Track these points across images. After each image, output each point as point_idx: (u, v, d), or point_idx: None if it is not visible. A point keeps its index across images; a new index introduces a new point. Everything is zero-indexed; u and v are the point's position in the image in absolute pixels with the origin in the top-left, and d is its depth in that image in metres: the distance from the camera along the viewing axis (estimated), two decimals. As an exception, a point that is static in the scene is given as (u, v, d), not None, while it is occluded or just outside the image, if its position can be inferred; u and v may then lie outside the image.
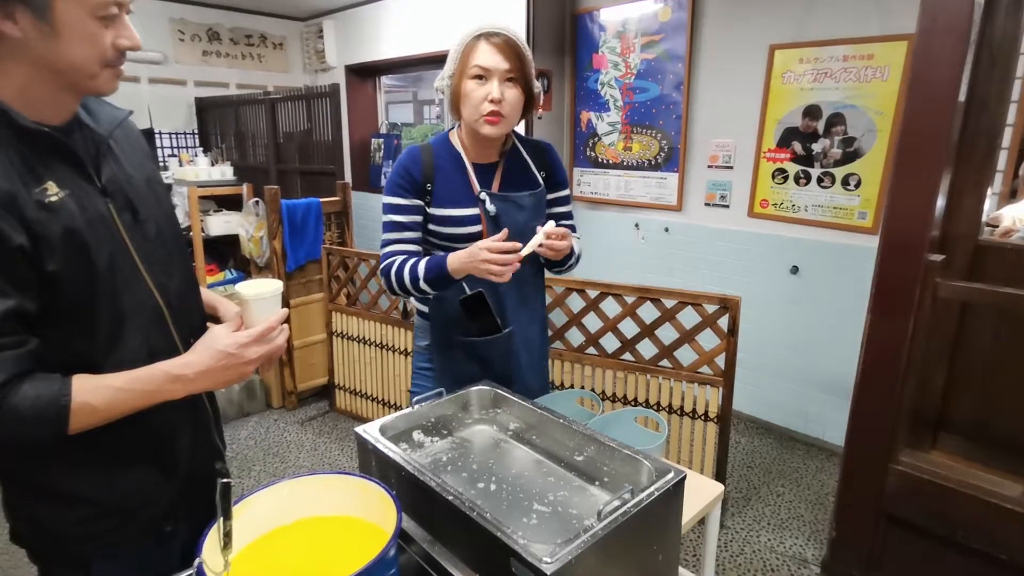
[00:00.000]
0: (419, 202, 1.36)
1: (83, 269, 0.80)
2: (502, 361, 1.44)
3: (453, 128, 1.43)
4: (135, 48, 0.82)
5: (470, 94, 1.28)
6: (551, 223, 1.31)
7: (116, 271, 0.84)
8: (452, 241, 1.38)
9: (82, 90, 0.83)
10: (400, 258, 1.34)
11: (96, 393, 0.79)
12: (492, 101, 1.26)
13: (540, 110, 3.50)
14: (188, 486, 0.98)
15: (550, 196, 1.49)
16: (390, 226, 1.37)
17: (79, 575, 0.91)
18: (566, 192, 1.53)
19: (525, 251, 1.24)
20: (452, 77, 1.32)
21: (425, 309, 1.46)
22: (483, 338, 1.40)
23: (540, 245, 1.26)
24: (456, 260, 1.26)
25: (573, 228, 1.54)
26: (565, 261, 1.44)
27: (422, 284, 1.31)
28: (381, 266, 1.37)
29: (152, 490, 0.94)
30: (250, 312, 0.93)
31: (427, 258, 1.32)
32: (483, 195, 1.36)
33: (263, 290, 0.94)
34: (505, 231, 1.25)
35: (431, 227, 1.39)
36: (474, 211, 1.37)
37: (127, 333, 0.86)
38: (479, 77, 1.27)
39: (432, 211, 1.37)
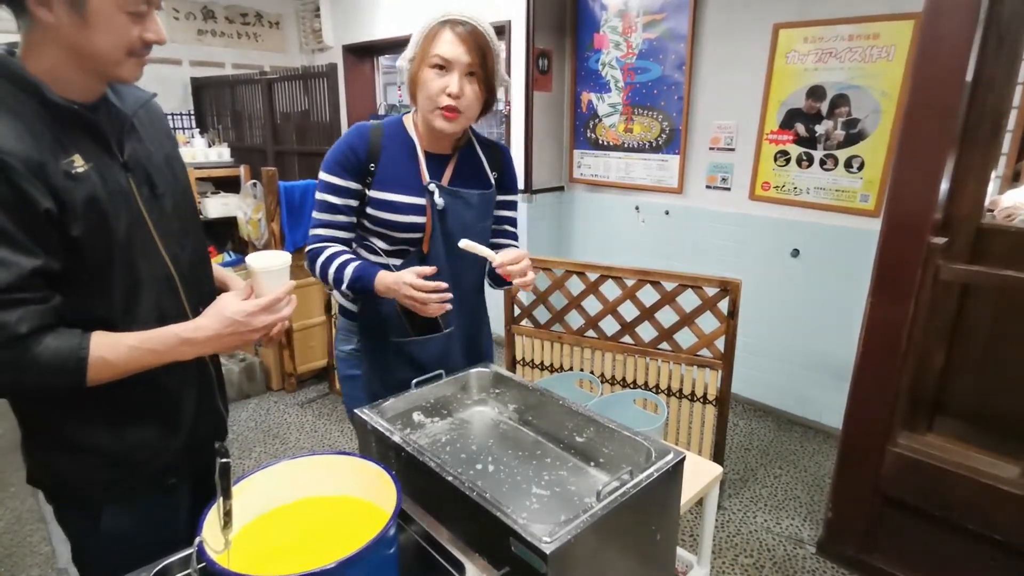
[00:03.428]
0: (357, 185, 1.27)
1: (102, 236, 0.86)
2: (438, 365, 1.31)
3: (408, 112, 1.35)
4: (160, 42, 0.87)
5: (427, 83, 1.20)
6: (510, 252, 1.24)
7: (133, 240, 0.90)
8: (389, 228, 1.28)
9: (106, 77, 0.88)
10: (331, 249, 1.28)
11: (112, 349, 0.85)
12: (449, 95, 1.19)
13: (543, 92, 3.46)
14: (191, 445, 1.04)
15: (499, 198, 1.41)
16: (322, 206, 1.29)
17: (89, 518, 0.97)
18: (515, 198, 1.47)
19: (470, 247, 1.20)
20: (412, 61, 1.24)
21: (352, 308, 1.37)
22: (421, 337, 1.33)
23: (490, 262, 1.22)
24: (382, 283, 1.21)
25: (515, 236, 1.47)
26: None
27: (344, 288, 1.25)
28: (307, 249, 1.30)
29: (156, 445, 0.99)
30: (259, 283, 0.97)
31: (357, 264, 1.25)
32: (432, 186, 1.28)
33: (272, 263, 0.98)
34: (434, 269, 1.20)
35: (369, 210, 1.28)
36: (420, 201, 1.27)
37: (141, 298, 0.92)
38: (439, 67, 1.19)
39: (373, 193, 1.27)
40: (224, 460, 0.71)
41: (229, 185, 4.25)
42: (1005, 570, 1.70)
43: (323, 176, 1.28)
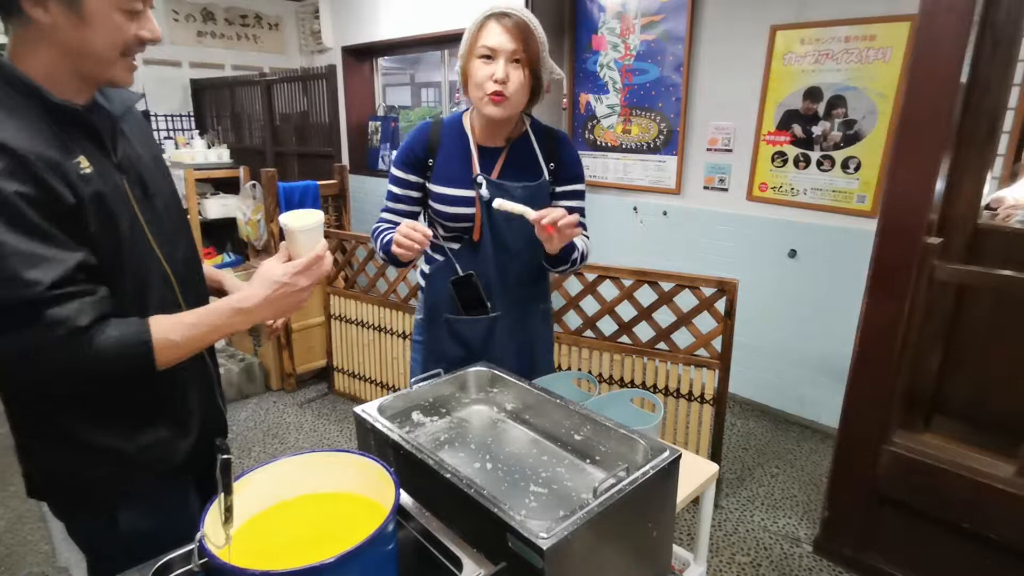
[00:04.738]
0: (418, 179, 1.41)
1: (112, 234, 0.88)
2: (484, 345, 1.44)
3: (468, 109, 1.42)
4: (155, 40, 0.88)
5: (475, 73, 1.28)
6: (555, 212, 1.22)
7: (135, 239, 0.92)
8: (443, 218, 1.39)
9: (99, 79, 0.88)
10: (384, 226, 1.44)
11: (174, 329, 0.87)
12: (496, 81, 1.25)
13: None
14: (200, 442, 1.06)
15: (557, 189, 1.44)
16: (388, 195, 1.46)
17: (106, 524, 0.97)
18: (577, 187, 1.46)
19: (506, 206, 1.22)
20: (463, 57, 1.32)
21: (423, 283, 1.50)
22: (465, 317, 1.42)
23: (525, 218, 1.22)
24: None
25: (583, 227, 1.47)
26: (563, 260, 1.38)
27: (382, 255, 1.42)
28: (371, 229, 1.49)
29: (170, 444, 1.01)
30: (296, 243, 0.97)
31: (392, 235, 1.39)
32: (480, 178, 1.35)
33: (307, 221, 0.96)
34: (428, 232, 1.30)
35: (432, 204, 1.41)
36: (470, 193, 1.37)
37: (148, 294, 0.94)
38: (486, 57, 1.26)
39: (432, 187, 1.40)
40: (225, 456, 0.72)
41: (229, 186, 4.26)
42: (1001, 569, 1.71)
43: (391, 170, 1.46)
